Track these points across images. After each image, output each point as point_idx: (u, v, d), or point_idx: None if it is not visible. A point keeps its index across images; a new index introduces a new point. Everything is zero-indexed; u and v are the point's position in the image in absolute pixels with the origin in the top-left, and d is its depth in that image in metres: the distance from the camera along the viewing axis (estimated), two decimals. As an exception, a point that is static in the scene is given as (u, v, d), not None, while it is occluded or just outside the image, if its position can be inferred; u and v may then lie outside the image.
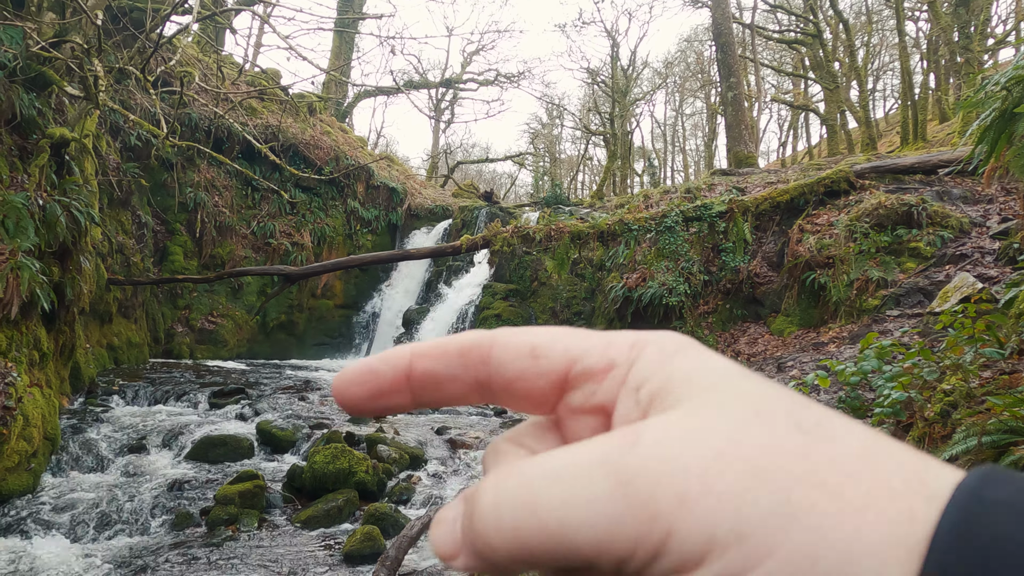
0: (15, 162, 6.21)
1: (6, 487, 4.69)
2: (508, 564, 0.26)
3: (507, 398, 0.30)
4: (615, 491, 0.24)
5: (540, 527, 0.25)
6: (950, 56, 19.29)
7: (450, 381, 0.30)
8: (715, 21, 20.23)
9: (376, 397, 0.30)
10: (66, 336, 6.78)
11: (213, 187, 14.07)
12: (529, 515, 0.25)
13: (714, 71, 30.97)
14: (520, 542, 0.25)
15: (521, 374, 0.30)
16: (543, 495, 0.25)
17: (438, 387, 0.30)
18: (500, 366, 0.30)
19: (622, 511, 0.24)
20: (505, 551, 0.25)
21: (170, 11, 7.46)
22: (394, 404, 0.31)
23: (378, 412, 0.31)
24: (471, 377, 0.30)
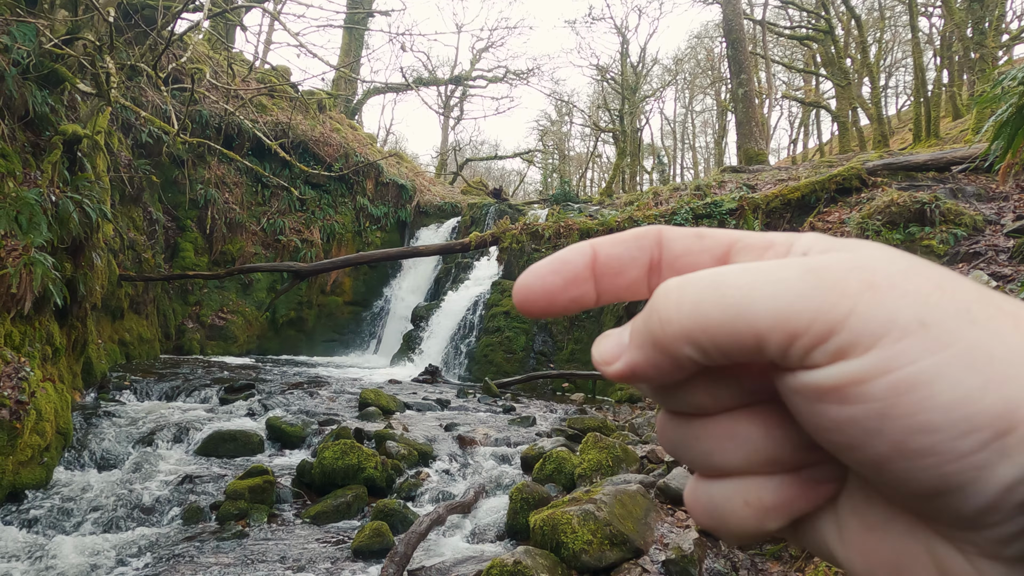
0: (28, 158, 6.26)
1: (20, 481, 4.73)
2: (676, 342, 0.26)
3: (669, 276, 0.30)
4: (804, 274, 0.25)
5: (722, 298, 0.25)
6: (964, 52, 19.08)
7: (630, 264, 0.32)
8: (726, 17, 20.11)
9: (571, 285, 0.31)
10: (78, 331, 6.84)
11: (223, 184, 14.14)
12: (713, 289, 0.26)
13: (725, 68, 30.80)
14: (698, 314, 0.25)
15: (687, 249, 0.31)
16: (730, 276, 0.26)
17: (620, 271, 0.32)
18: (670, 243, 0.32)
19: (810, 288, 0.24)
20: (679, 325, 0.26)
21: (181, 8, 7.49)
22: (583, 293, 0.31)
23: (568, 305, 0.32)
24: (646, 258, 0.32)
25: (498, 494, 5.34)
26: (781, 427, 0.28)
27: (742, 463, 0.28)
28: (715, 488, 0.29)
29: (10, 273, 5.08)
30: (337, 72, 16.86)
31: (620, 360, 0.29)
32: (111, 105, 7.35)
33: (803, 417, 0.26)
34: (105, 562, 4.09)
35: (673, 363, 0.27)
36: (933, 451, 0.22)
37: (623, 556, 3.79)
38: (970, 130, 14.64)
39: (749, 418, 0.29)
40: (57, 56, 6.61)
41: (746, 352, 0.25)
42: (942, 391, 0.22)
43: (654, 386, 0.30)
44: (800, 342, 0.24)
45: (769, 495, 0.28)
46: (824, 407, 0.24)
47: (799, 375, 0.25)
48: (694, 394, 0.29)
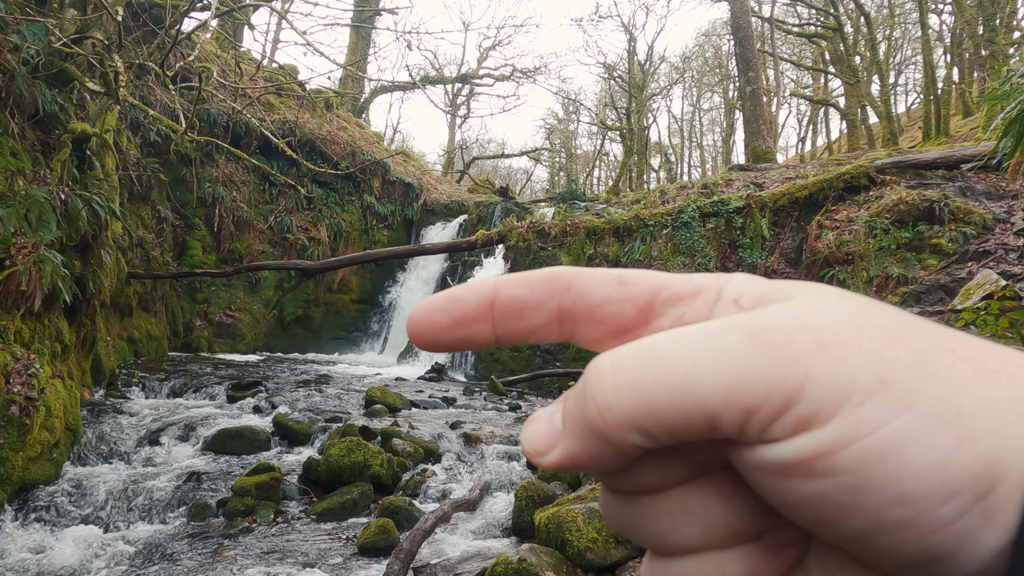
0: (38, 157, 6.31)
1: (29, 476, 4.78)
2: (619, 431, 0.24)
3: (588, 326, 0.30)
4: (748, 340, 0.23)
5: (663, 378, 0.23)
6: (974, 49, 18.94)
7: (534, 309, 0.30)
8: (734, 15, 20.02)
9: (459, 325, 0.29)
10: (87, 329, 6.88)
11: (231, 182, 14.19)
12: (652, 367, 0.24)
13: (732, 66, 30.69)
14: (639, 398, 0.24)
15: (607, 298, 0.29)
16: (667, 349, 0.24)
17: (521, 316, 0.30)
18: (585, 291, 0.30)
19: (756, 356, 0.23)
20: (619, 412, 0.24)
21: (189, 7, 7.52)
22: (475, 333, 0.30)
23: (456, 343, 0.30)
24: (555, 304, 0.30)
25: (503, 492, 5.35)
26: (738, 495, 0.26)
27: (700, 539, 0.26)
28: (673, 568, 0.27)
29: (20, 270, 5.12)
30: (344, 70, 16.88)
31: (555, 451, 0.27)
32: (120, 104, 7.39)
33: (766, 492, 0.24)
34: (113, 557, 4.12)
35: (616, 452, 0.25)
36: (914, 522, 0.21)
37: (628, 554, 3.79)
38: (980, 128, 14.53)
39: (702, 489, 0.27)
40: (66, 55, 6.66)
41: (697, 432, 0.24)
42: (914, 456, 0.21)
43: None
44: (756, 418, 0.23)
45: (733, 570, 0.26)
46: (790, 482, 0.23)
47: (758, 450, 0.23)
48: (640, 474, 0.27)
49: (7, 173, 5.68)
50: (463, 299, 0.30)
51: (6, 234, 5.21)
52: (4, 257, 5.14)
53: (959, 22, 19.20)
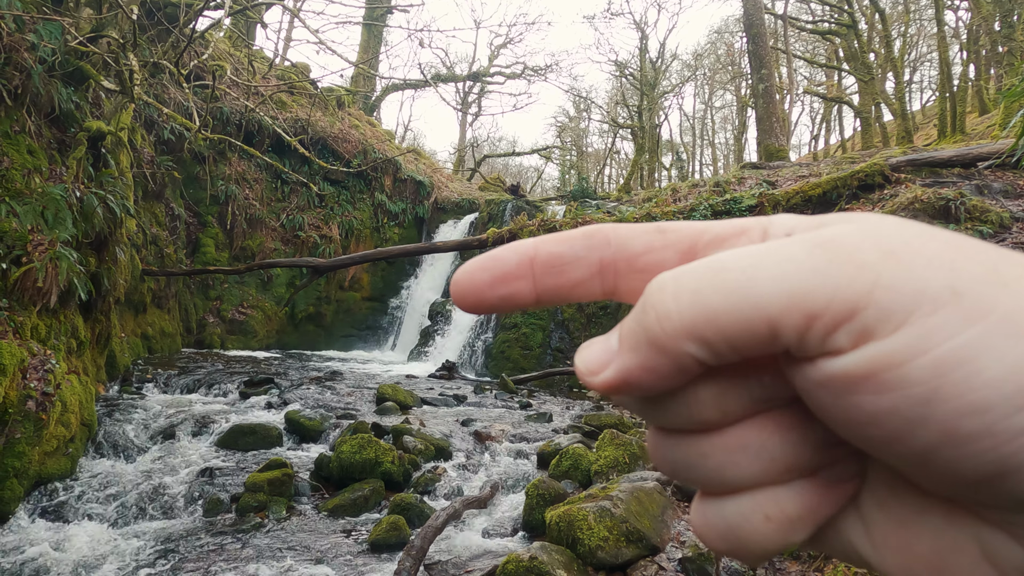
0: (54, 155, 6.37)
1: (45, 471, 4.83)
2: (677, 340, 0.24)
3: (630, 276, 0.29)
4: (813, 249, 0.23)
5: (725, 283, 0.23)
6: (991, 46, 18.71)
7: (574, 263, 0.29)
8: (746, 12, 19.88)
9: (500, 282, 0.29)
10: (102, 325, 6.95)
11: (244, 180, 14.27)
12: (714, 275, 0.24)
13: (745, 63, 30.49)
14: (700, 305, 0.23)
15: (648, 247, 0.29)
16: (730, 260, 0.24)
17: (562, 271, 0.29)
18: (626, 242, 0.29)
19: (822, 262, 0.22)
20: (679, 319, 0.24)
21: (203, 6, 7.57)
22: (516, 291, 0.29)
23: (498, 303, 0.30)
24: (595, 258, 0.29)
25: (514, 490, 5.35)
26: (797, 429, 0.26)
27: (757, 475, 0.26)
28: (728, 507, 0.27)
29: (36, 267, 5.17)
30: (356, 69, 16.95)
31: (609, 368, 0.26)
32: (134, 102, 7.45)
33: (830, 413, 0.23)
34: (127, 551, 4.16)
35: (674, 365, 0.24)
36: (988, 432, 0.20)
37: (639, 553, 3.78)
38: (997, 125, 14.36)
39: (762, 425, 0.26)
40: (82, 54, 6.72)
41: (758, 343, 0.23)
42: (989, 365, 0.20)
43: (646, 399, 0.27)
44: (819, 324, 0.22)
45: (791, 505, 0.26)
46: (857, 399, 0.22)
47: (821, 365, 0.22)
48: (698, 408, 0.26)
49: (24, 171, 5.74)
50: (504, 258, 0.30)
51: (23, 231, 5.26)
52: (21, 254, 5.19)
53: (976, 18, 18.97)
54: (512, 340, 12.37)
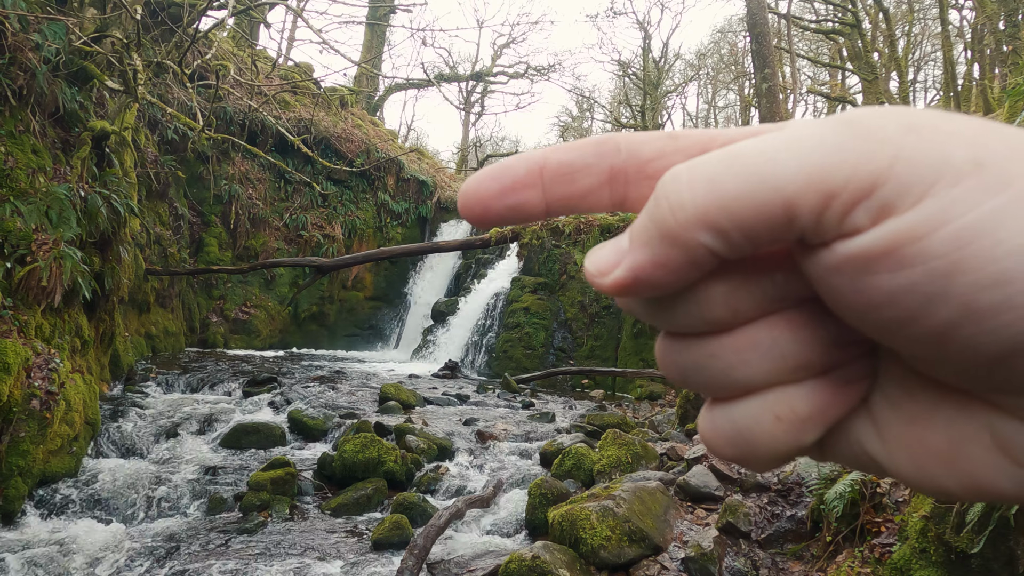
0: (58, 154, 6.39)
1: (50, 469, 4.85)
2: (691, 229, 0.23)
3: (641, 183, 0.28)
4: (835, 126, 0.22)
5: (743, 168, 0.23)
6: (996, 45, 18.65)
7: (584, 171, 0.28)
8: (750, 11, 19.84)
9: (509, 191, 0.28)
10: (106, 324, 6.97)
11: (247, 179, 14.30)
12: (730, 161, 0.23)
13: (748, 62, 30.43)
14: (715, 192, 0.23)
15: (659, 152, 0.28)
16: (746, 146, 0.23)
17: (572, 179, 0.28)
18: (637, 148, 0.29)
19: (841, 138, 0.22)
20: (692, 208, 0.23)
21: (206, 6, 7.58)
22: (525, 200, 0.29)
23: (506, 213, 0.29)
24: (606, 165, 0.28)
25: (517, 489, 5.35)
26: (809, 327, 0.26)
27: (768, 374, 0.26)
28: (737, 411, 0.27)
29: (41, 266, 5.19)
30: (359, 68, 16.97)
31: (620, 267, 0.25)
32: (138, 102, 7.47)
33: (845, 299, 0.23)
34: (130, 549, 4.17)
35: (687, 258, 0.24)
36: (1008, 305, 0.20)
37: (642, 553, 3.78)
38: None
39: (773, 324, 0.26)
40: (86, 54, 6.73)
41: (773, 228, 0.23)
42: (1010, 236, 0.20)
43: (655, 301, 0.27)
44: (837, 202, 0.21)
45: (802, 403, 0.26)
46: (874, 278, 0.22)
47: (837, 247, 0.22)
48: (709, 307, 0.26)
49: (29, 170, 5.75)
50: (512, 166, 0.29)
51: (28, 230, 5.28)
52: (25, 253, 5.21)
53: (980, 17, 18.91)
54: (515, 340, 12.36)
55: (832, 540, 3.63)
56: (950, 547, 2.79)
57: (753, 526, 4.07)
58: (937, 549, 2.87)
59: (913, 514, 3.11)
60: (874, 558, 3.34)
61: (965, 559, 2.73)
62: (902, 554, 3.06)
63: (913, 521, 3.06)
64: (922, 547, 2.95)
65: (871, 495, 3.65)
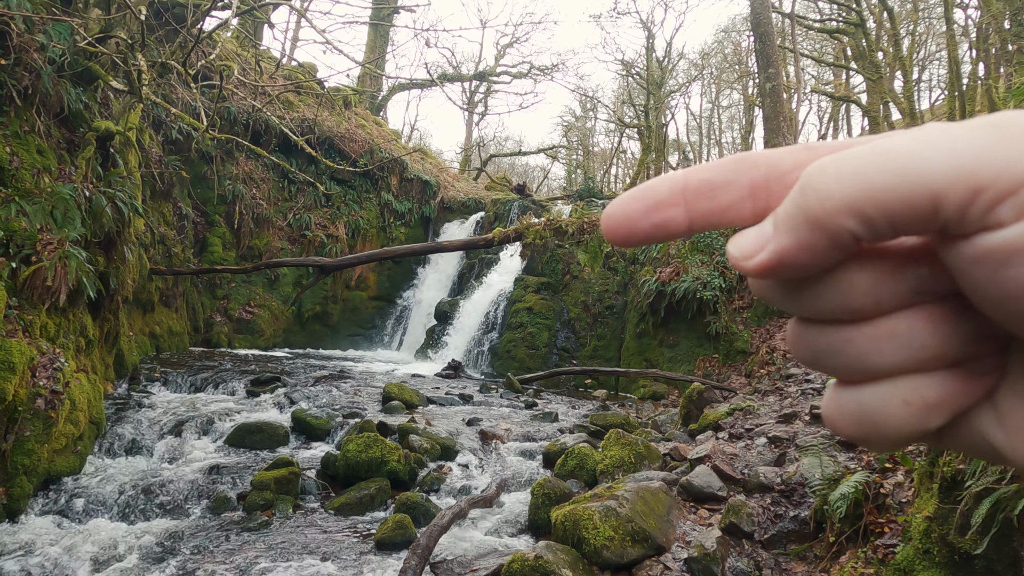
0: (63, 155, 6.41)
1: (54, 468, 4.87)
2: (837, 216, 0.24)
3: (783, 194, 0.29)
4: (985, 128, 0.24)
5: (890, 162, 0.24)
6: (1001, 44, 18.58)
7: (725, 187, 0.30)
8: (753, 11, 19.80)
9: (653, 210, 0.30)
10: (111, 324, 6.99)
11: (251, 179, 14.33)
12: (877, 156, 0.24)
13: (752, 62, 30.36)
14: (862, 182, 0.24)
15: (798, 163, 0.29)
16: (894, 142, 0.24)
17: (713, 195, 0.30)
18: (775, 162, 0.30)
19: (994, 140, 0.23)
20: (840, 197, 0.24)
21: (210, 6, 7.60)
22: (669, 218, 0.30)
23: (652, 231, 0.30)
24: (746, 180, 0.30)
25: (520, 489, 5.35)
26: (948, 322, 0.27)
27: (902, 362, 0.27)
28: (865, 393, 0.28)
29: (45, 266, 5.21)
30: (363, 68, 16.98)
31: (765, 250, 0.27)
32: (142, 102, 7.49)
33: (984, 290, 0.24)
34: (134, 548, 4.19)
35: (830, 241, 0.25)
36: None
37: (645, 553, 3.77)
38: (1007, 124, 14.24)
39: (913, 317, 0.27)
40: (91, 54, 6.76)
41: (918, 217, 0.24)
42: None
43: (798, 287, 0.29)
44: (983, 197, 0.23)
45: (932, 392, 0.27)
46: (1013, 270, 0.23)
47: (979, 240, 0.23)
48: (853, 294, 0.27)
49: (34, 170, 5.78)
50: (656, 187, 0.30)
51: (33, 230, 5.30)
52: (30, 253, 5.23)
53: (985, 16, 18.83)
54: (518, 340, 12.37)
55: (835, 541, 3.62)
56: (954, 548, 2.78)
57: (756, 526, 4.06)
58: (941, 550, 2.86)
59: (917, 515, 3.11)
60: (877, 559, 3.33)
61: (969, 560, 2.73)
62: (905, 555, 3.06)
63: (917, 522, 3.06)
64: (925, 548, 2.95)
65: (874, 496, 3.64)
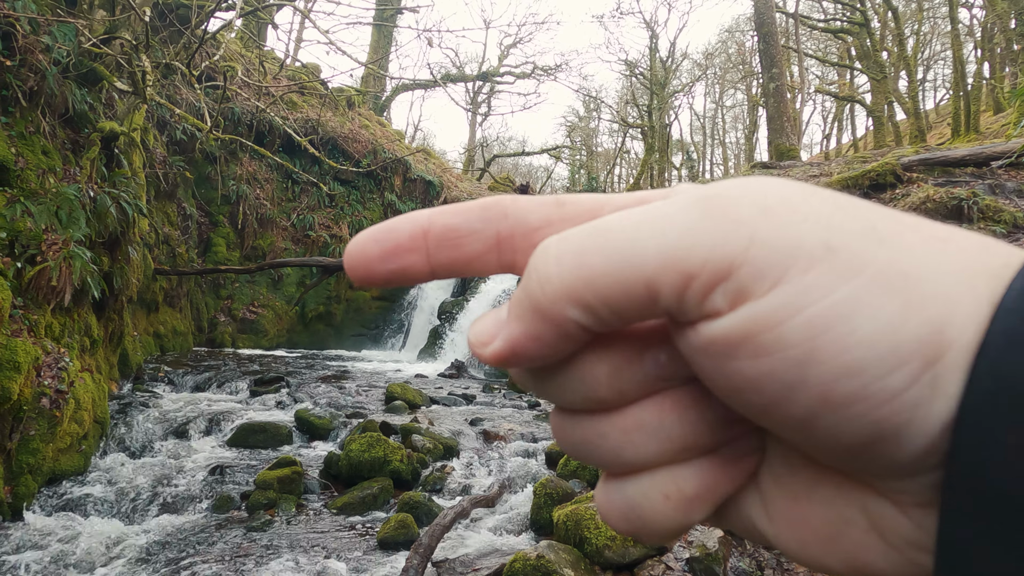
0: (68, 155, 6.44)
1: (59, 467, 4.89)
2: (558, 303, 0.23)
3: (528, 251, 0.27)
4: (691, 206, 0.22)
5: (605, 244, 0.23)
6: (1006, 44, 18.52)
7: (469, 237, 0.28)
8: (757, 11, 19.78)
9: (391, 255, 0.28)
10: (115, 324, 7.02)
11: (255, 180, 14.37)
12: (595, 237, 0.23)
13: (756, 62, 30.32)
14: (580, 267, 0.23)
15: (545, 220, 0.28)
16: (613, 220, 0.24)
17: (457, 244, 0.28)
18: (523, 215, 0.28)
19: (698, 219, 0.22)
20: (559, 282, 0.23)
21: (214, 7, 7.63)
22: (408, 264, 0.28)
23: (389, 275, 0.28)
24: (492, 231, 0.28)
25: (522, 489, 5.36)
26: (695, 408, 0.25)
27: (656, 455, 0.26)
28: (629, 488, 0.26)
29: (50, 266, 5.23)
30: (366, 69, 17.00)
31: (498, 338, 0.25)
32: (147, 103, 7.52)
33: (713, 380, 0.23)
34: (138, 547, 4.20)
35: (557, 332, 0.24)
36: (862, 395, 0.20)
37: (647, 552, 3.78)
38: (1011, 124, 14.21)
39: (659, 404, 0.26)
40: (95, 55, 6.78)
41: (638, 305, 0.22)
42: (862, 324, 0.20)
43: (544, 377, 0.27)
44: (696, 284, 0.21)
45: (689, 484, 0.26)
46: (736, 364, 0.21)
47: (701, 329, 0.22)
48: (593, 386, 0.26)
49: (39, 171, 5.80)
50: (396, 229, 0.28)
51: (38, 230, 5.33)
52: (35, 253, 5.26)
53: (990, 16, 18.77)
54: (521, 340, 12.36)
55: (838, 541, 3.62)
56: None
57: (758, 527, 4.06)
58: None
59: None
60: (880, 559, 3.32)
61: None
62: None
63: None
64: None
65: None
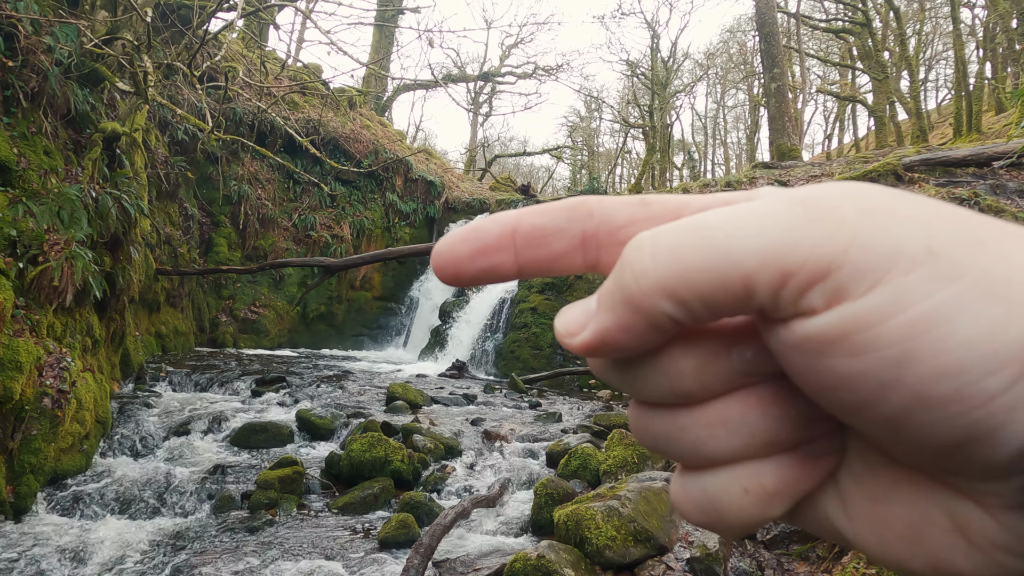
0: (70, 155, 6.45)
1: (61, 467, 4.90)
2: (652, 297, 0.24)
3: (612, 249, 0.28)
4: (793, 206, 0.23)
5: (704, 240, 0.23)
6: (1008, 44, 18.49)
7: (556, 235, 0.28)
8: (759, 11, 19.76)
9: (480, 254, 0.29)
10: (117, 324, 7.03)
11: (256, 180, 14.38)
12: (692, 233, 0.23)
13: (757, 62, 30.30)
14: (676, 262, 0.23)
15: (631, 219, 0.28)
16: (711, 218, 0.24)
17: (543, 243, 0.29)
18: (609, 214, 0.29)
19: (799, 219, 0.22)
20: (655, 276, 0.23)
21: (216, 7, 7.64)
22: (497, 263, 0.29)
23: (478, 274, 0.29)
24: (577, 230, 0.29)
25: (523, 489, 5.36)
26: (778, 404, 0.26)
27: (737, 449, 0.26)
28: (707, 480, 0.27)
29: (52, 266, 5.25)
30: (367, 69, 17.02)
31: (587, 329, 0.26)
32: (149, 103, 7.53)
33: (804, 377, 0.23)
34: (140, 546, 4.21)
35: (648, 324, 0.24)
36: (958, 396, 0.20)
37: (647, 553, 3.78)
38: (1013, 124, 14.19)
39: (743, 400, 0.26)
40: (97, 56, 6.80)
41: (732, 301, 0.23)
42: (962, 327, 0.20)
43: (628, 370, 0.27)
44: (794, 282, 0.22)
45: (770, 479, 0.26)
46: (829, 362, 0.22)
47: (795, 326, 0.22)
48: (679, 380, 0.26)
49: (41, 171, 5.82)
50: (485, 229, 0.29)
51: (39, 231, 5.34)
52: (37, 253, 5.27)
53: (992, 16, 18.75)
54: (522, 340, 12.37)
55: (838, 541, 3.62)
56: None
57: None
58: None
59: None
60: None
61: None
62: (908, 555, 3.05)
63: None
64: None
65: (877, 496, 3.64)
